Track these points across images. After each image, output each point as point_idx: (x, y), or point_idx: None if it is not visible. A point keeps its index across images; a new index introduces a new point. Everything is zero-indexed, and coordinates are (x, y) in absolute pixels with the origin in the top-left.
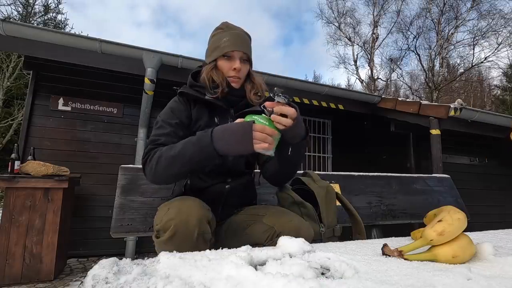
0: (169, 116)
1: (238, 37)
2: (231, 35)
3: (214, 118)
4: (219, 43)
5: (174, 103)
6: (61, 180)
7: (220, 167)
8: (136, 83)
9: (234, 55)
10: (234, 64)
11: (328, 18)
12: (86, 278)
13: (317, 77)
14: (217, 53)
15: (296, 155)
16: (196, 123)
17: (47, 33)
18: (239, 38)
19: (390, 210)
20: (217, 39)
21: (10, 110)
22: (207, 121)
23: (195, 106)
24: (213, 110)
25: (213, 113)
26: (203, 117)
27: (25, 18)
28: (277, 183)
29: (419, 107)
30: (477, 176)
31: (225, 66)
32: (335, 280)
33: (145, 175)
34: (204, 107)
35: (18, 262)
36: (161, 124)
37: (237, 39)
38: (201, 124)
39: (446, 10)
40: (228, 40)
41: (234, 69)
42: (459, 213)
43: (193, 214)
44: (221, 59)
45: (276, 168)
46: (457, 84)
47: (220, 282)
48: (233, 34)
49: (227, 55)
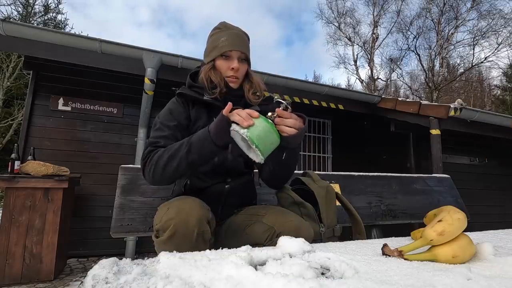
0: (167, 118)
1: (236, 36)
2: (229, 35)
3: (213, 119)
4: (217, 43)
5: (173, 104)
6: (61, 180)
7: (220, 167)
8: (136, 83)
9: (232, 55)
10: (232, 64)
11: (328, 18)
12: (86, 278)
13: (317, 77)
14: (215, 53)
15: (291, 159)
16: (195, 123)
17: (47, 33)
18: (237, 37)
19: (390, 210)
20: (215, 39)
21: (10, 110)
22: (206, 121)
23: (193, 107)
24: (212, 111)
25: (212, 113)
26: (202, 117)
27: (25, 18)
28: (274, 186)
29: (419, 107)
30: (477, 176)
31: (223, 66)
32: (335, 280)
33: (144, 177)
34: (203, 107)
35: (18, 262)
36: (159, 126)
37: (235, 39)
38: (200, 124)
39: (446, 10)
40: (226, 40)
41: (232, 68)
42: (459, 213)
43: (192, 214)
44: (219, 59)
45: (271, 172)
46: (457, 84)
47: (220, 282)
48: (231, 34)
49: (225, 54)
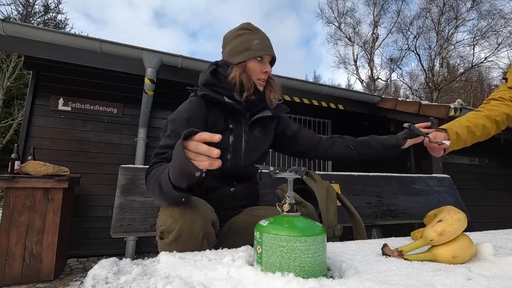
0: (181, 125)
1: (268, 40)
2: (262, 38)
3: (229, 123)
4: (250, 44)
5: (192, 108)
6: (61, 180)
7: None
8: (136, 83)
9: (266, 59)
10: (266, 68)
11: (328, 18)
12: (86, 278)
13: (317, 77)
14: (249, 54)
15: None
16: (212, 129)
17: (47, 33)
18: (269, 41)
19: (390, 210)
20: (246, 40)
21: (10, 110)
22: (222, 126)
23: (212, 110)
24: (229, 115)
25: (229, 117)
26: (219, 122)
27: (25, 18)
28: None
29: (419, 107)
30: (477, 176)
31: (257, 68)
32: (335, 280)
33: None
34: (221, 110)
35: (18, 262)
36: (169, 134)
37: (268, 43)
38: (217, 130)
39: (446, 10)
40: (260, 43)
41: (266, 72)
42: (459, 213)
43: (198, 216)
44: (253, 61)
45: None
46: (457, 84)
47: (220, 282)
48: (263, 38)
49: (259, 57)
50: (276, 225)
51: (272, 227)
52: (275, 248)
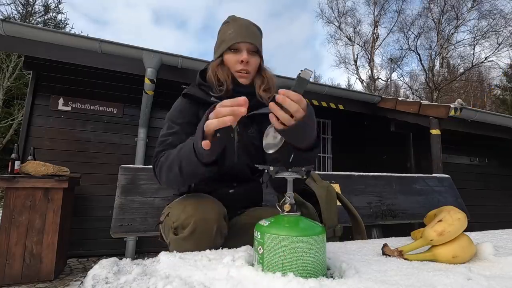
0: (176, 116)
1: (245, 27)
2: (237, 27)
3: None
4: (224, 36)
5: (181, 102)
6: (61, 180)
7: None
8: (136, 83)
9: (241, 47)
10: (241, 56)
11: (329, 18)
12: (86, 278)
13: (317, 77)
14: (223, 46)
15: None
16: None
17: (47, 33)
18: (246, 29)
19: (390, 210)
20: (222, 33)
21: (10, 110)
22: None
23: (202, 107)
24: None
25: None
26: None
27: (25, 17)
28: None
29: (419, 107)
30: (477, 176)
31: (232, 59)
32: (335, 280)
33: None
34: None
35: (18, 262)
36: (168, 124)
37: (243, 30)
38: None
39: (446, 10)
40: (233, 32)
41: (242, 61)
42: (459, 213)
43: (211, 210)
44: (228, 53)
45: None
46: (457, 84)
47: (220, 282)
48: (239, 25)
49: (233, 48)
50: (277, 225)
51: (273, 227)
52: (277, 248)
